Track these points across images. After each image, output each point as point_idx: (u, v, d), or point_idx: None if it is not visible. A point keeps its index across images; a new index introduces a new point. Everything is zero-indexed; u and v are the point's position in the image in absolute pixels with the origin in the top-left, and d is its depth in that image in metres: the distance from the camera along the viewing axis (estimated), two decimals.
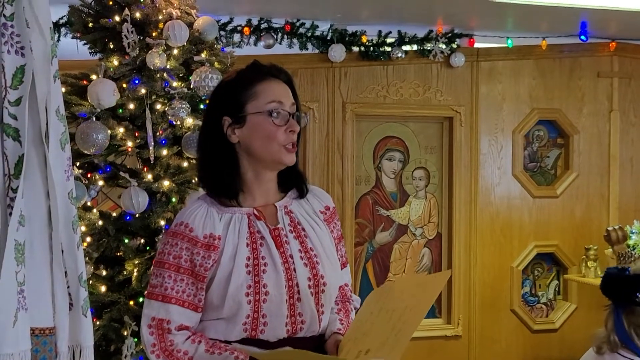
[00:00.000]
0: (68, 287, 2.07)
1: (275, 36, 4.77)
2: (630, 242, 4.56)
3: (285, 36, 4.79)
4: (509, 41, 5.08)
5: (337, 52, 4.80)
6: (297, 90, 2.23)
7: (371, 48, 4.91)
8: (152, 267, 2.14)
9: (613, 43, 5.27)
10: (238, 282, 2.02)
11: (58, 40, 4.28)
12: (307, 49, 4.84)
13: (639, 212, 5.28)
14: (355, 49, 4.92)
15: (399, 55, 4.92)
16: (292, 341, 2.06)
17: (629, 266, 2.48)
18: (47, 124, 2.00)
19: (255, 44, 4.77)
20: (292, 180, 2.21)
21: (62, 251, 2.04)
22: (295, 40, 4.81)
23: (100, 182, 3.36)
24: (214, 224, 2.07)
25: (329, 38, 4.84)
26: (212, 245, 2.05)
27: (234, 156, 2.13)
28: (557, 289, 5.36)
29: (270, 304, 2.03)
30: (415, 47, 4.99)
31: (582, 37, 5.14)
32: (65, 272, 2.06)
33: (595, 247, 4.90)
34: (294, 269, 2.07)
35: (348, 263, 2.30)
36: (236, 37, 4.71)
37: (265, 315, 2.04)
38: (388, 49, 4.92)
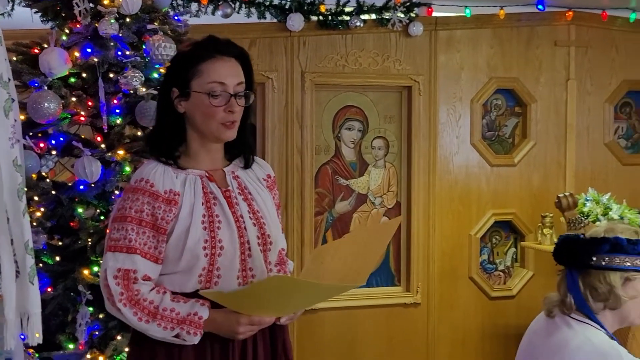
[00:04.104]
0: (14, 255, 2.07)
1: (233, 5, 4.73)
2: (585, 209, 4.62)
3: (243, 5, 4.75)
4: (467, 10, 5.09)
5: (296, 21, 4.78)
6: (252, 64, 2.33)
7: (329, 17, 4.89)
8: (110, 223, 2.23)
9: (570, 12, 5.29)
10: (196, 236, 2.17)
11: (12, 9, 4.21)
12: (265, 18, 4.81)
13: (595, 180, 5.35)
14: (314, 18, 4.89)
15: (358, 24, 4.91)
16: None
17: (581, 233, 2.52)
18: None
19: (213, 13, 4.73)
20: (239, 150, 2.37)
21: (8, 219, 2.05)
22: (253, 10, 4.77)
23: (54, 152, 3.35)
24: (173, 181, 2.22)
25: (287, 7, 4.81)
26: (172, 200, 2.19)
27: (182, 124, 2.29)
28: (514, 257, 5.44)
29: (225, 258, 2.20)
30: (373, 16, 4.98)
31: (540, 6, 5.17)
32: (12, 240, 2.07)
33: (551, 215, 4.96)
34: (245, 228, 2.25)
35: (284, 231, 2.49)
36: (194, 7, 4.67)
37: (219, 268, 2.20)
38: (346, 18, 4.90)
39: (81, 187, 3.32)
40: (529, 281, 5.37)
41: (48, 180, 3.37)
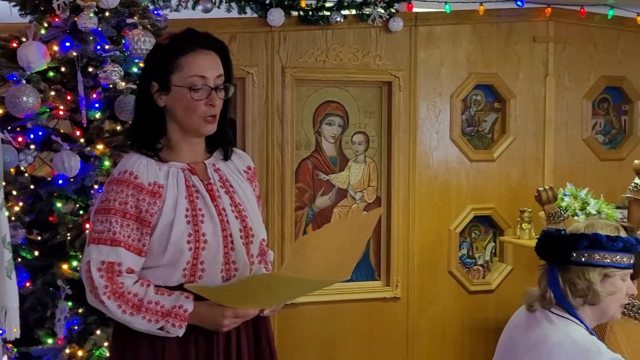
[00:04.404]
0: None
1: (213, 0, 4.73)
2: (563, 204, 4.65)
3: (224, 0, 4.75)
4: (447, 6, 5.11)
5: (276, 16, 4.78)
6: (232, 59, 2.34)
7: (310, 12, 4.89)
8: (93, 216, 2.22)
9: (549, 8, 5.33)
10: (179, 230, 2.17)
11: None
12: (245, 13, 4.81)
13: (573, 175, 5.40)
14: (294, 13, 4.89)
15: (338, 19, 4.91)
16: None
17: (562, 227, 2.54)
18: None
19: (193, 8, 4.72)
20: (219, 142, 2.37)
21: None
22: (233, 4, 4.77)
23: (32, 146, 3.33)
24: (157, 173, 2.21)
25: (267, 2, 4.80)
26: (157, 192, 2.19)
27: (162, 118, 2.28)
28: (493, 251, 5.47)
29: (208, 251, 2.20)
30: (354, 11, 4.98)
31: (519, 2, 5.21)
32: None
33: (529, 210, 5.00)
34: (227, 221, 2.25)
35: (264, 222, 2.47)
36: (174, 1, 4.64)
37: (203, 262, 2.20)
38: (327, 13, 4.91)
39: (60, 181, 3.30)
40: (507, 275, 5.40)
41: (27, 174, 3.34)
